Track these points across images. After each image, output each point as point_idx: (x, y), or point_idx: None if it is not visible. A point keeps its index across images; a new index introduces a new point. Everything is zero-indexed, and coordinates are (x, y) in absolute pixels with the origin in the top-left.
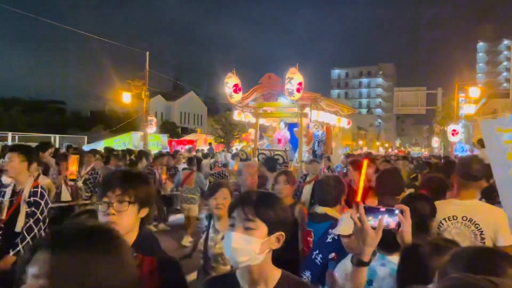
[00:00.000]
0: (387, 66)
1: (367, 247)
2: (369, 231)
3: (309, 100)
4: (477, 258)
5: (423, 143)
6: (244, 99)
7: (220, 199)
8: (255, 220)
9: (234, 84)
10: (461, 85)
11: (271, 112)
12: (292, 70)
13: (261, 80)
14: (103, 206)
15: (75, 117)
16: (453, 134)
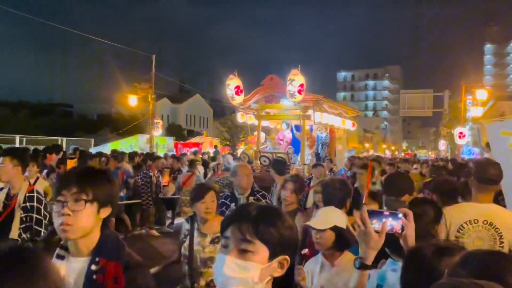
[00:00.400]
0: (393, 68)
1: (370, 251)
2: (373, 234)
3: (312, 102)
4: (487, 261)
5: (430, 146)
6: (246, 101)
7: (209, 203)
8: (253, 241)
9: (235, 86)
10: (468, 88)
11: (273, 114)
12: (294, 71)
13: (263, 82)
14: (56, 206)
15: (82, 120)
16: (460, 137)
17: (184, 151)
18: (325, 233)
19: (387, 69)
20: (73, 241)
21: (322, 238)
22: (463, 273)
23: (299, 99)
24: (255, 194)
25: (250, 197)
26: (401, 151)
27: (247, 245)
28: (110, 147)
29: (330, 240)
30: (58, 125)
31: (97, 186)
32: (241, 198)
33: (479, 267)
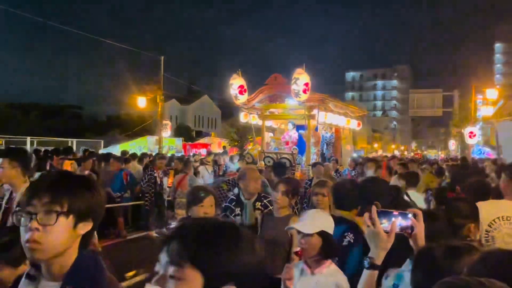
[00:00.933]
0: (402, 68)
1: (380, 251)
2: (382, 234)
3: (317, 101)
4: (505, 261)
5: (440, 146)
6: (250, 100)
7: (208, 207)
8: (183, 267)
9: (239, 85)
10: (478, 87)
11: (277, 114)
12: (298, 70)
13: (267, 81)
14: (24, 218)
15: (91, 122)
16: (470, 137)
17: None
18: (312, 238)
19: (396, 68)
20: (44, 262)
21: (308, 244)
22: (482, 272)
23: (304, 98)
24: (262, 199)
25: (257, 202)
26: (410, 151)
27: (176, 272)
28: (120, 149)
29: (316, 246)
30: (68, 126)
31: (74, 196)
32: (247, 203)
33: (497, 266)
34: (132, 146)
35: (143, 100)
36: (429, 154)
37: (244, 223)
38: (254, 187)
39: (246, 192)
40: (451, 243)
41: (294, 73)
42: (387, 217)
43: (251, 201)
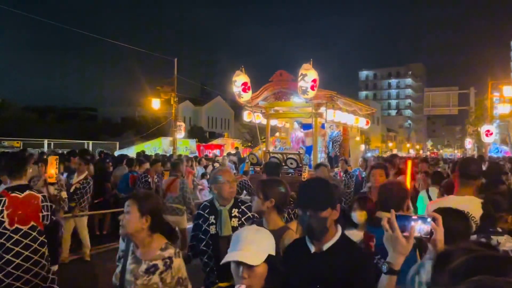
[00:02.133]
0: (416, 66)
1: (398, 255)
2: (401, 239)
3: (325, 98)
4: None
5: (456, 145)
6: (254, 98)
7: None
8: None
9: (242, 82)
10: (494, 84)
11: (283, 112)
12: (305, 66)
13: (272, 78)
14: None
15: (106, 124)
16: (487, 135)
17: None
18: (257, 268)
19: (410, 67)
20: None
21: (253, 277)
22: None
23: (312, 95)
24: (239, 205)
25: (233, 209)
26: (426, 150)
27: None
28: (135, 150)
29: (262, 278)
30: (84, 129)
31: None
32: (222, 210)
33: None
34: (147, 147)
35: (157, 101)
36: (445, 153)
37: (220, 234)
38: (229, 192)
39: (220, 197)
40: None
41: (300, 69)
42: (406, 221)
43: (227, 208)
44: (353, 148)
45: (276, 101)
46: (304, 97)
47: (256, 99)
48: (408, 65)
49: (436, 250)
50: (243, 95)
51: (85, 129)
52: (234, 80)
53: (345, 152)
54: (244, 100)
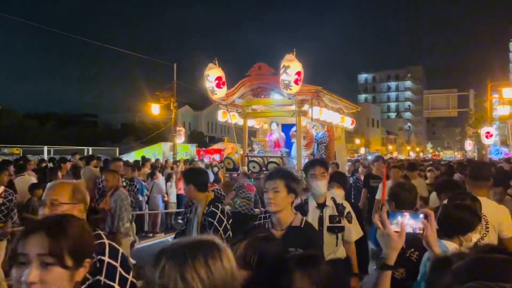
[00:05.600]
0: (415, 68)
1: (391, 251)
2: (392, 235)
3: (310, 94)
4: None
5: (456, 146)
6: (229, 95)
7: None
8: None
9: (216, 77)
10: (494, 86)
11: (261, 111)
12: (288, 57)
13: (250, 72)
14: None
15: (106, 130)
16: (487, 137)
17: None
18: None
19: (409, 69)
20: None
21: None
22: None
23: (296, 90)
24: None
25: None
26: (426, 152)
27: None
28: (134, 156)
29: None
30: (84, 135)
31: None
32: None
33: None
34: (147, 153)
35: (157, 107)
36: (446, 155)
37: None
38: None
39: None
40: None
41: (283, 60)
42: (397, 217)
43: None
44: (338, 151)
45: (254, 99)
46: (286, 92)
47: (231, 96)
48: (407, 67)
49: (430, 247)
50: (217, 91)
51: (85, 136)
52: (207, 74)
53: (330, 154)
54: (218, 97)
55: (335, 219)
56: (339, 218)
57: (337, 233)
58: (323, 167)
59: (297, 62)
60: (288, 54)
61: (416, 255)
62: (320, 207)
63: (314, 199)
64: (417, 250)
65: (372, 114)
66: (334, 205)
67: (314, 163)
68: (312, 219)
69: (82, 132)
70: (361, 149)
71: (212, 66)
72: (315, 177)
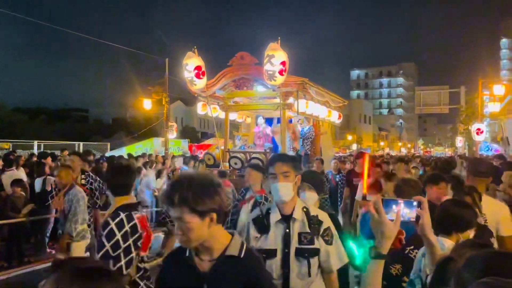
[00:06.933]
0: (407, 65)
1: (385, 240)
2: (387, 223)
3: (295, 86)
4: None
5: (447, 143)
6: (209, 86)
7: None
8: None
9: (196, 66)
10: (485, 83)
11: (244, 104)
12: (272, 45)
13: (232, 61)
14: None
15: (97, 125)
16: (477, 133)
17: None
18: None
19: (401, 66)
20: None
21: None
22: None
23: (280, 81)
24: None
25: None
26: (417, 148)
27: None
28: (126, 151)
29: None
30: (75, 130)
31: None
32: None
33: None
34: (139, 148)
35: (149, 102)
36: (436, 152)
37: None
38: None
39: None
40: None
41: (267, 49)
42: (392, 205)
43: None
44: (324, 146)
45: (236, 90)
46: (270, 83)
47: (212, 87)
48: (399, 64)
49: (425, 236)
50: (196, 81)
51: (76, 130)
52: (185, 63)
53: (316, 150)
54: (197, 88)
55: (306, 238)
56: (311, 236)
57: (308, 259)
58: (286, 164)
59: (282, 51)
60: (273, 43)
61: (415, 252)
62: (286, 220)
63: (278, 209)
64: (416, 248)
65: (364, 110)
66: (306, 217)
67: (274, 160)
68: (274, 238)
69: (72, 127)
70: (353, 145)
71: (191, 54)
72: (275, 178)
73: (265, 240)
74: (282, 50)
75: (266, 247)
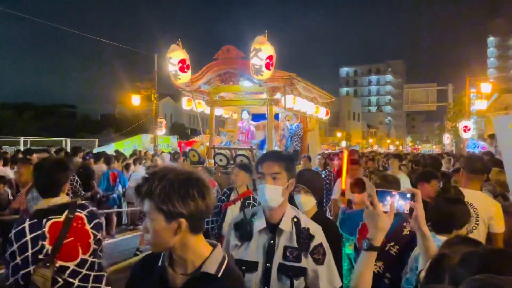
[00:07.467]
0: (396, 63)
1: (379, 232)
2: (382, 215)
3: (282, 81)
4: (486, 260)
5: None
6: (194, 80)
7: None
8: None
9: (180, 59)
10: (472, 81)
11: (230, 99)
12: (259, 39)
13: (217, 55)
14: None
15: (85, 121)
16: (464, 131)
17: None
18: None
19: (390, 63)
20: None
21: None
22: (463, 273)
23: (267, 76)
24: None
25: None
26: (405, 145)
27: None
28: (114, 147)
29: None
30: (62, 126)
31: None
32: None
33: (479, 266)
34: (127, 144)
35: (137, 98)
36: (424, 149)
37: None
38: None
39: None
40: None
41: (253, 42)
42: (386, 197)
43: None
44: (312, 143)
45: (222, 85)
46: (257, 78)
47: (197, 81)
48: (388, 61)
49: (418, 228)
50: (180, 75)
51: (63, 127)
52: (169, 56)
53: (304, 147)
54: (182, 82)
55: (292, 254)
56: (298, 253)
57: (292, 278)
58: (277, 164)
59: (269, 45)
60: (259, 36)
61: (395, 249)
62: (272, 229)
63: (264, 216)
64: (397, 244)
65: (353, 107)
66: (295, 229)
67: (264, 158)
68: (255, 248)
69: (60, 123)
70: (342, 142)
71: (175, 47)
72: (262, 179)
73: (246, 250)
74: (269, 44)
75: (246, 258)
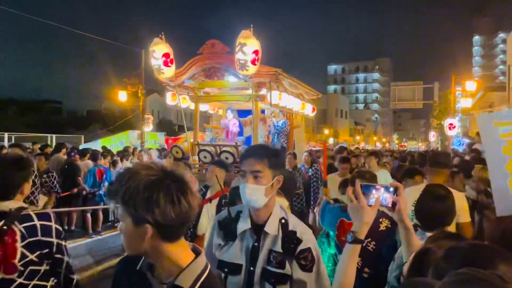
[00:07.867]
0: (383, 61)
1: (364, 225)
2: (366, 208)
3: (268, 77)
4: (470, 254)
5: (420, 137)
6: (178, 75)
7: None
8: None
9: (164, 53)
10: (457, 79)
11: (215, 95)
12: (244, 33)
13: (202, 49)
14: None
15: (71, 117)
16: (450, 128)
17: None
18: None
19: (377, 61)
20: None
21: None
22: (447, 267)
23: (253, 71)
24: None
25: None
26: (392, 142)
27: None
28: (101, 144)
29: None
30: (48, 122)
31: None
32: None
33: (462, 260)
34: (114, 141)
35: (124, 94)
36: (410, 146)
37: None
38: None
39: None
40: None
41: (238, 37)
42: (370, 191)
43: None
44: (298, 140)
45: (207, 80)
46: (242, 73)
47: (181, 76)
48: (375, 59)
49: (401, 221)
50: (164, 69)
51: (49, 122)
52: (152, 50)
53: (290, 144)
54: (166, 77)
55: (276, 259)
56: (282, 258)
57: (274, 285)
58: (260, 162)
59: (255, 39)
60: (245, 30)
61: (372, 245)
62: (256, 231)
63: (249, 215)
64: (374, 240)
65: (341, 105)
66: (281, 232)
67: (246, 154)
68: (239, 250)
69: (45, 119)
70: (329, 139)
71: (158, 41)
72: (244, 177)
73: (229, 251)
74: (254, 38)
75: (229, 260)
